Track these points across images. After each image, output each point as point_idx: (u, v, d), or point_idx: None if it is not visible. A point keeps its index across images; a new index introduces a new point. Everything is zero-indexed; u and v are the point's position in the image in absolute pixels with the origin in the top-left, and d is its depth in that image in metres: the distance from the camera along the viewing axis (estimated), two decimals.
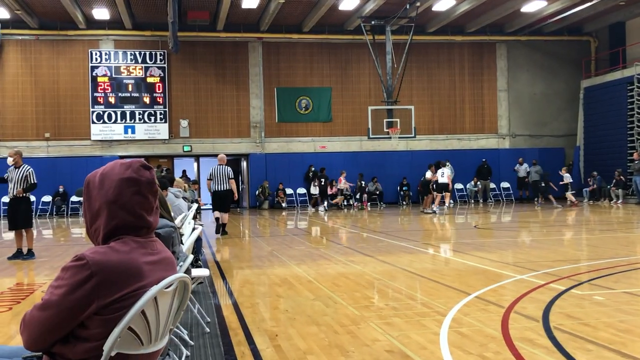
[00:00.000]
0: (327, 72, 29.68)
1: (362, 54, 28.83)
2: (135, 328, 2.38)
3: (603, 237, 14.06)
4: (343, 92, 29.76)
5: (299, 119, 29.44)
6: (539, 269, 8.81)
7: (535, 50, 31.27)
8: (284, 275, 9.05)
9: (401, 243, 13.30)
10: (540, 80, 31.39)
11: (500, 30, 30.37)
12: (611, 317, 5.85)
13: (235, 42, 28.79)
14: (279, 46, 29.26)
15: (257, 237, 16.51)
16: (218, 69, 28.86)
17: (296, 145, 29.44)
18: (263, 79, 29.19)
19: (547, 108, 31.41)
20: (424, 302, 6.95)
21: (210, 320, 6.28)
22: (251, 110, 29.14)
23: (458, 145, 30.63)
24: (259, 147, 29.15)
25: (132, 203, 2.46)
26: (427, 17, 27.59)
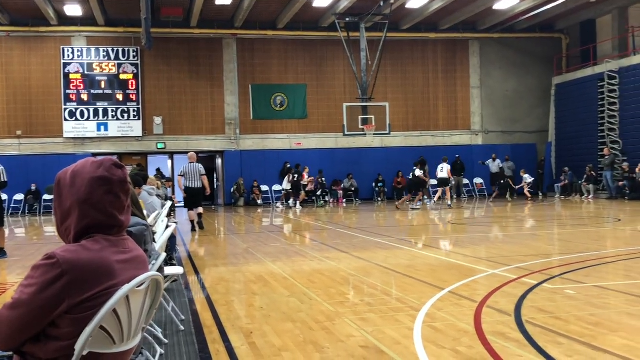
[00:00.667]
0: (302, 69, 29.67)
1: (337, 50, 28.84)
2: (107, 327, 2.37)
3: (574, 231, 14.26)
4: (318, 89, 29.77)
5: (274, 115, 29.40)
6: (511, 264, 8.91)
7: (508, 47, 31.56)
8: (259, 273, 9.05)
9: (376, 239, 13.36)
10: (512, 77, 31.69)
11: (473, 28, 30.60)
12: (582, 311, 5.94)
13: (209, 38, 28.65)
14: (254, 43, 29.17)
15: (232, 234, 16.47)
16: (192, 66, 28.69)
17: (271, 142, 29.40)
18: (238, 76, 29.08)
19: (519, 105, 31.74)
20: (398, 297, 7.00)
21: (185, 318, 6.26)
22: (226, 107, 29.02)
23: (432, 142, 30.81)
24: (233, 144, 29.05)
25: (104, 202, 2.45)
26: (401, 14, 27.70)
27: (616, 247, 11.18)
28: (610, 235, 13.40)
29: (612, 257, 9.62)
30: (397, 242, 12.77)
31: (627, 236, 13.02)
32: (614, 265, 8.95)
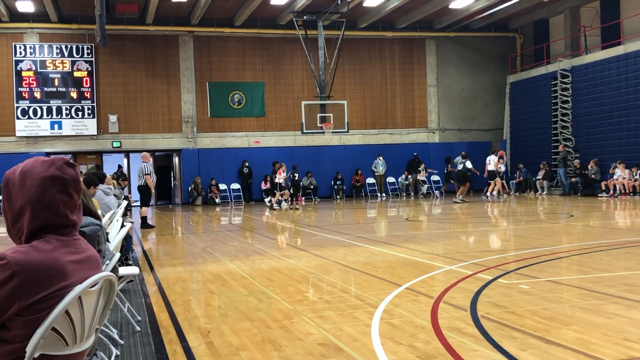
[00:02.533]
0: (260, 67, 29.56)
1: (295, 48, 28.83)
2: (59, 328, 2.33)
3: (529, 227, 14.53)
4: (276, 87, 29.71)
5: (232, 113, 29.24)
6: (468, 260, 9.03)
7: (463, 46, 31.98)
8: (217, 272, 8.99)
9: (335, 237, 13.40)
10: (468, 76, 32.12)
11: (430, 27, 30.91)
12: (536, 305, 6.06)
13: (165, 35, 28.33)
14: (211, 40, 28.96)
15: (190, 233, 16.33)
16: (148, 63, 28.34)
17: (229, 140, 29.23)
18: (195, 74, 28.83)
19: (475, 103, 32.19)
20: (356, 294, 7.04)
21: (141, 318, 6.19)
22: (183, 105, 28.75)
23: (390, 140, 31.04)
24: (191, 142, 28.80)
25: (57, 202, 2.41)
26: (359, 12, 27.82)
27: (569, 243, 11.42)
28: (563, 230, 13.69)
29: (565, 252, 9.83)
30: (355, 239, 12.83)
31: (580, 231, 13.33)
32: (567, 260, 9.14)
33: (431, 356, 4.55)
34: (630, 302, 6.00)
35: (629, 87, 24.10)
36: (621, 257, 9.06)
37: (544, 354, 4.48)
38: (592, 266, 8.46)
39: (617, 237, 11.73)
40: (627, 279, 7.25)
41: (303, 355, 4.71)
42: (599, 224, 14.67)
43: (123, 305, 6.13)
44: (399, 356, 4.59)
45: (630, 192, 22.86)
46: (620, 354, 4.43)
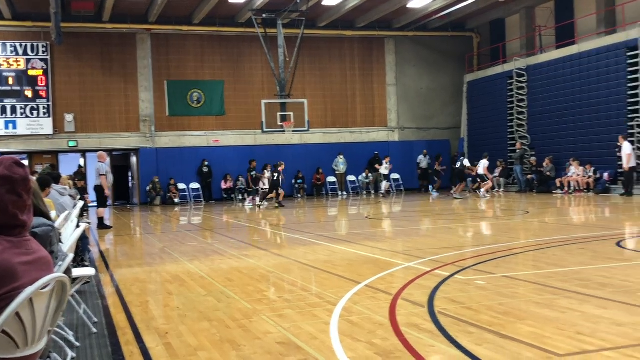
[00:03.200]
0: (219, 65, 29.38)
1: (255, 47, 28.72)
2: (9, 331, 2.29)
3: (486, 224, 14.76)
4: (236, 85, 29.56)
5: (191, 112, 28.99)
6: (426, 257, 9.13)
7: (422, 45, 32.28)
8: (175, 272, 8.92)
9: (296, 236, 13.41)
10: (426, 75, 32.43)
11: (389, 26, 31.12)
12: (491, 301, 6.16)
13: (122, 33, 27.94)
14: (169, 38, 28.67)
15: (148, 234, 16.16)
16: (105, 62, 27.92)
17: (188, 139, 28.99)
18: (152, 72, 28.51)
19: (433, 102, 32.52)
20: (316, 293, 7.06)
21: (98, 320, 6.11)
22: (140, 104, 28.40)
23: (350, 138, 31.17)
24: (149, 141, 28.47)
25: (6, 202, 2.37)
26: (318, 11, 27.85)
27: (525, 239, 11.64)
28: (519, 227, 13.93)
29: (521, 248, 10.01)
30: (316, 238, 12.85)
31: (535, 228, 13.58)
32: (523, 256, 9.31)
33: (389, 352, 4.59)
34: (582, 297, 6.14)
35: (582, 85, 24.63)
36: (575, 253, 9.26)
37: (499, 349, 4.56)
38: (547, 262, 8.64)
39: (571, 233, 11.98)
40: (580, 274, 7.42)
41: (262, 355, 4.70)
42: (554, 221, 14.97)
43: (79, 306, 6.04)
44: (357, 353, 4.62)
45: (584, 188, 23.37)
46: (573, 348, 4.53)
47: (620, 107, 23.07)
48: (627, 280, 6.90)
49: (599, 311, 5.55)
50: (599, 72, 23.94)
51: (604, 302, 5.92)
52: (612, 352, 4.37)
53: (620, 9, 24.51)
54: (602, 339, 4.70)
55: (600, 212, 16.99)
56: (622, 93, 22.96)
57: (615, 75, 23.27)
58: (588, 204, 19.41)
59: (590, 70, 24.36)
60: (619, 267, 7.85)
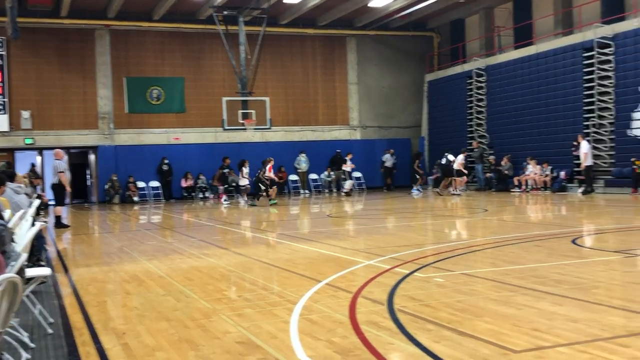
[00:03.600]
0: (180, 62, 29.10)
1: (216, 44, 28.52)
2: None
3: (445, 222, 14.92)
4: (197, 83, 29.32)
5: (151, 109, 28.65)
6: (386, 254, 9.18)
7: (383, 44, 32.46)
8: (133, 272, 8.80)
9: (257, 234, 13.36)
10: (387, 74, 32.62)
11: (350, 25, 31.21)
12: (450, 298, 6.22)
13: (80, 29, 27.47)
14: (128, 34, 28.29)
15: (106, 233, 15.93)
16: (62, 57, 27.43)
17: (148, 137, 28.65)
18: (111, 68, 28.10)
19: (395, 101, 32.74)
20: (276, 291, 7.04)
21: (54, 321, 5.99)
22: (99, 101, 27.97)
23: (312, 137, 31.19)
24: (107, 139, 28.06)
25: None
26: (280, 9, 27.79)
27: (484, 236, 11.79)
28: (478, 224, 14.11)
29: (479, 246, 10.14)
30: (277, 236, 12.83)
31: (494, 225, 13.77)
32: (481, 254, 9.43)
33: (348, 350, 4.61)
34: (538, 294, 6.24)
35: (540, 85, 25.06)
36: (531, 250, 9.42)
37: (457, 345, 4.61)
38: (504, 259, 8.76)
39: (528, 230, 12.19)
40: (536, 271, 7.54)
41: (220, 354, 4.67)
42: (512, 218, 15.20)
43: (34, 307, 5.92)
44: (317, 352, 4.62)
45: (541, 187, 23.79)
46: (529, 344, 4.60)
47: (576, 107, 23.55)
48: (582, 277, 7.04)
49: (554, 308, 5.65)
50: (556, 73, 24.40)
51: (559, 298, 6.03)
52: (567, 348, 4.45)
53: (577, 10, 25.01)
54: (557, 335, 4.79)
55: (557, 210, 17.32)
56: (579, 93, 23.44)
57: (572, 76, 23.74)
58: (545, 202, 19.77)
59: (547, 70, 24.80)
60: (574, 264, 8.00)
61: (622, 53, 22.06)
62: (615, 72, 22.24)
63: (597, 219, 14.67)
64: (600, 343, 4.53)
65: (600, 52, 22.68)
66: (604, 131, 22.66)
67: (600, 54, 22.68)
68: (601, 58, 22.66)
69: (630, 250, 9.15)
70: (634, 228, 12.16)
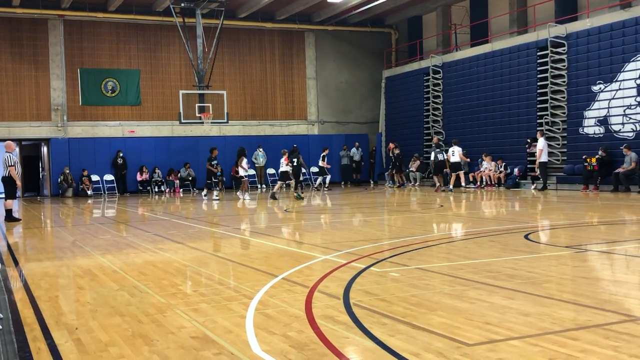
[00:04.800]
0: (135, 54, 28.68)
1: (173, 36, 28.22)
2: None
3: (401, 217, 15.04)
4: (153, 75, 28.95)
5: (105, 102, 28.19)
6: (343, 249, 9.22)
7: (341, 40, 32.53)
8: (87, 266, 8.65)
9: (213, 229, 13.27)
10: (345, 70, 32.72)
11: (309, 19, 31.19)
12: (404, 292, 6.28)
13: (33, 19, 26.85)
14: (83, 25, 27.75)
15: (59, 227, 15.62)
16: (14, 47, 26.78)
17: (102, 129, 28.19)
18: (65, 59, 27.54)
19: (352, 96, 32.87)
20: (232, 286, 7.00)
21: (4, 316, 5.85)
22: (52, 92, 27.40)
23: (270, 131, 31.10)
24: (60, 131, 27.51)
25: None
26: (238, 2, 27.61)
27: (439, 232, 11.93)
28: (433, 220, 14.27)
29: (434, 241, 10.25)
30: (233, 231, 12.76)
31: (449, 220, 13.94)
32: (437, 249, 9.53)
33: (304, 345, 4.61)
34: (491, 288, 6.35)
35: (495, 83, 25.46)
36: (485, 245, 9.57)
37: (411, 339, 4.65)
38: (458, 254, 8.88)
39: (482, 226, 12.37)
40: (489, 265, 7.66)
41: (175, 349, 4.63)
42: (466, 214, 15.41)
43: None
44: (272, 346, 4.61)
45: (495, 183, 24.17)
46: (482, 337, 4.67)
47: (530, 105, 23.99)
48: (534, 272, 7.18)
49: (507, 302, 5.75)
50: (511, 71, 24.82)
51: (511, 292, 6.13)
52: (518, 341, 4.54)
53: (532, 10, 25.46)
54: (509, 328, 4.87)
55: (510, 206, 17.62)
56: (533, 91, 23.89)
57: (526, 74, 24.18)
58: (499, 198, 20.09)
59: (502, 68, 25.21)
60: (527, 259, 8.16)
61: (574, 52, 22.56)
62: (568, 71, 22.73)
63: (549, 215, 14.98)
64: (550, 336, 4.63)
65: (553, 51, 23.15)
66: (557, 129, 23.15)
67: (553, 53, 23.15)
68: (555, 57, 23.14)
69: (581, 245, 9.36)
70: (585, 224, 12.45)
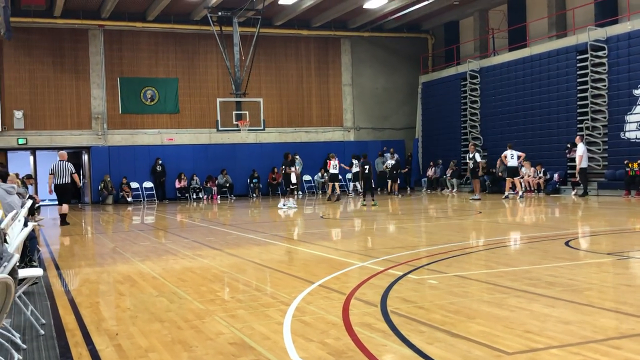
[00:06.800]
0: (174, 63, 29.06)
1: (210, 45, 28.53)
2: None
3: (439, 224, 14.93)
4: (190, 84, 29.30)
5: (144, 110, 28.61)
6: (380, 256, 9.19)
7: (377, 46, 32.48)
8: (127, 273, 8.78)
9: (250, 235, 13.34)
10: (381, 76, 32.65)
11: (344, 26, 31.23)
12: (443, 300, 6.23)
13: (74, 29, 27.40)
14: (122, 34, 28.23)
15: (99, 233, 15.88)
16: (56, 57, 27.36)
17: (141, 137, 28.60)
18: (105, 69, 28.04)
19: (388, 102, 32.77)
20: (269, 293, 7.03)
21: (46, 321, 5.97)
22: (92, 101, 27.90)
23: (306, 138, 31.18)
24: (101, 139, 28.00)
25: None
26: (274, 10, 27.78)
27: (477, 238, 11.81)
28: (471, 227, 14.13)
29: (472, 248, 10.16)
30: (271, 237, 12.82)
31: (487, 228, 13.79)
32: (475, 256, 9.44)
33: (341, 352, 4.60)
34: (531, 296, 6.25)
35: (533, 87, 25.13)
36: (525, 252, 9.44)
37: (450, 347, 4.61)
38: (497, 261, 8.78)
39: (521, 232, 12.20)
40: (529, 273, 7.55)
41: (213, 355, 4.66)
42: (505, 221, 15.22)
43: (26, 308, 5.90)
44: (310, 353, 4.62)
45: (534, 189, 23.83)
46: (522, 346, 4.61)
47: (570, 109, 23.62)
48: (575, 279, 7.05)
49: (547, 310, 5.66)
50: (550, 75, 24.47)
51: (552, 300, 6.04)
52: (559, 350, 4.46)
53: (571, 13, 25.08)
54: (549, 337, 4.80)
55: (550, 212, 17.36)
56: (572, 95, 23.52)
57: (566, 78, 23.82)
58: (538, 204, 19.81)
59: (541, 72, 24.87)
60: (567, 266, 8.02)
61: (615, 56, 22.15)
62: (608, 75, 22.32)
63: (590, 221, 14.72)
64: (592, 345, 4.54)
65: (593, 55, 22.76)
66: (597, 134, 22.74)
67: (593, 57, 22.77)
68: (595, 61, 22.75)
69: (623, 252, 9.18)
70: (627, 230, 12.20)
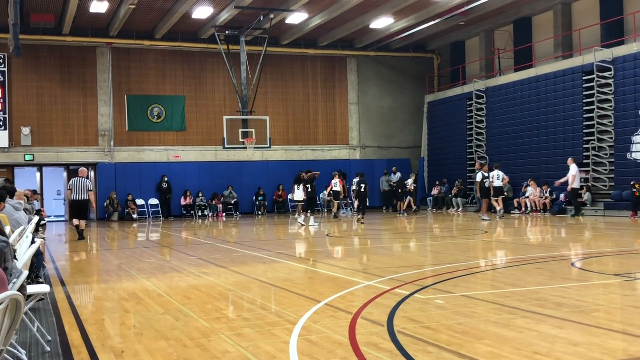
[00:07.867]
0: (181, 81, 29.21)
1: (217, 63, 28.68)
2: None
3: (445, 243, 14.88)
4: (197, 102, 29.42)
5: (151, 127, 28.72)
6: (386, 275, 9.15)
7: (383, 65, 32.60)
8: (132, 290, 8.76)
9: (255, 253, 13.32)
10: (387, 95, 32.74)
11: (351, 45, 31.38)
12: (450, 320, 6.19)
13: (82, 47, 27.60)
14: (130, 52, 28.42)
15: (105, 250, 15.88)
16: (64, 75, 27.53)
17: (148, 154, 28.68)
18: (113, 86, 28.19)
19: (394, 121, 32.83)
20: (275, 311, 7.00)
21: (52, 338, 5.96)
22: (100, 118, 28.03)
23: (312, 156, 31.21)
24: (107, 156, 28.09)
25: None
26: (281, 29, 27.96)
27: (484, 258, 11.76)
28: (478, 246, 14.08)
29: (479, 268, 10.11)
30: (276, 255, 12.79)
31: (493, 247, 13.74)
32: (482, 276, 9.40)
33: None
34: (539, 317, 6.22)
35: (539, 108, 25.14)
36: (532, 273, 9.39)
37: None
38: (505, 281, 8.73)
39: (528, 253, 12.15)
40: (537, 293, 7.51)
41: None
42: (512, 240, 15.17)
43: (32, 324, 5.89)
44: None
45: (540, 209, 23.76)
46: None
47: (576, 130, 23.61)
48: (583, 301, 7.01)
49: (555, 331, 5.62)
50: (556, 95, 24.49)
51: (560, 322, 6.00)
52: None
53: (577, 34, 25.16)
54: (558, 358, 4.76)
55: (557, 232, 17.29)
56: (579, 116, 23.51)
57: (572, 99, 23.83)
58: (545, 224, 19.74)
59: (547, 93, 24.89)
60: (575, 287, 7.98)
61: (621, 77, 22.17)
62: (614, 96, 22.33)
63: (597, 242, 14.65)
64: None
65: (600, 76, 22.79)
66: (604, 154, 22.71)
67: (600, 78, 22.79)
68: (601, 82, 22.77)
69: (630, 273, 9.12)
70: (634, 252, 12.13)
